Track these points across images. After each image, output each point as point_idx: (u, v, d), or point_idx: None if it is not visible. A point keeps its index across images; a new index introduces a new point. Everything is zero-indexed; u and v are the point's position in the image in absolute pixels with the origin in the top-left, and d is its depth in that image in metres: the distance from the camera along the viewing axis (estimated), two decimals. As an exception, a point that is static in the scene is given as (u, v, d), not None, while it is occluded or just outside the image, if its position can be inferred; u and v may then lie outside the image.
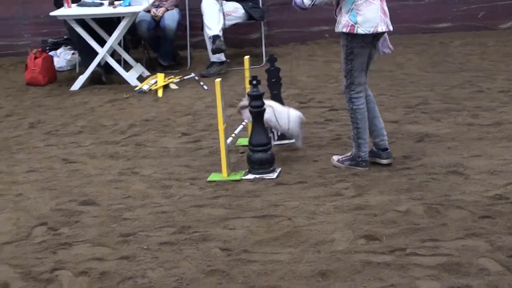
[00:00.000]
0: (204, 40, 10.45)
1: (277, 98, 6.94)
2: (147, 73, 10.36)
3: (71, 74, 10.80)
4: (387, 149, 6.27)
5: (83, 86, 9.95)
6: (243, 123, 6.79)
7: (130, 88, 9.71)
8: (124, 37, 10.59)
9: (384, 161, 6.24)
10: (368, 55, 6.07)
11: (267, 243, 4.98)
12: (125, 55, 10.58)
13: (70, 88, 9.98)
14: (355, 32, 5.86)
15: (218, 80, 6.27)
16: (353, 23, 5.86)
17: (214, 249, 4.92)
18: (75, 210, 5.77)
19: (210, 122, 7.81)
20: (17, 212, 5.77)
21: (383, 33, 6.02)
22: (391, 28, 6.03)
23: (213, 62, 10.23)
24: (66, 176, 6.56)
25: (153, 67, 10.61)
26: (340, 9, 5.95)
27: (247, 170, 6.29)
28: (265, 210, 5.54)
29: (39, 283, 4.61)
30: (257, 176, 6.19)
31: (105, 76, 10.15)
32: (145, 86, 9.64)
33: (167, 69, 10.43)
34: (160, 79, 9.73)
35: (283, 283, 4.44)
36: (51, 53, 11.11)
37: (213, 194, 5.92)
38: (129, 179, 6.40)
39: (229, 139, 6.45)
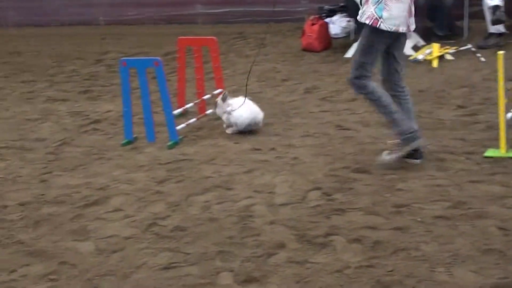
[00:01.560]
0: (482, 10, 10.11)
1: None
2: (422, 42, 10.22)
3: (346, 41, 10.90)
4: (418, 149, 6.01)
5: (357, 54, 10.00)
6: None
7: (405, 57, 9.60)
8: (400, 5, 10.50)
9: (416, 161, 6.00)
10: (381, 52, 5.86)
11: (548, 226, 4.75)
12: (401, 24, 10.49)
13: (344, 55, 10.09)
14: (377, 26, 5.66)
15: (501, 52, 6.03)
16: (377, 17, 5.66)
17: (491, 228, 4.76)
18: (349, 177, 5.82)
19: (488, 96, 7.57)
20: (293, 175, 5.92)
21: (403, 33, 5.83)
22: (412, 28, 5.87)
23: (491, 34, 9.90)
24: (340, 143, 6.63)
25: (428, 37, 10.43)
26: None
27: (528, 147, 6.03)
28: (547, 191, 5.29)
29: (313, 246, 4.69)
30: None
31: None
32: (419, 56, 9.53)
33: (442, 39, 10.22)
34: (435, 49, 9.57)
35: None
36: (326, 20, 11.26)
37: (490, 171, 5.73)
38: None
39: (509, 114, 6.21)
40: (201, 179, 5.99)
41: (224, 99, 7.11)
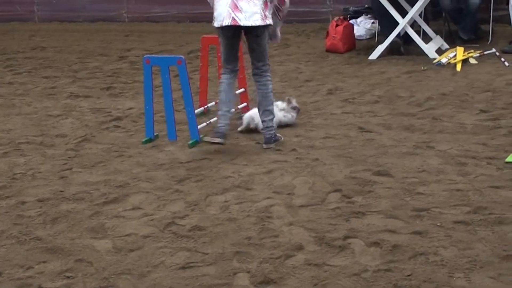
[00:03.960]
0: (508, 14, 10.04)
1: None
2: (446, 46, 10.17)
3: (370, 43, 10.88)
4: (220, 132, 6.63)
5: (381, 56, 9.99)
6: None
7: (428, 60, 9.60)
8: (425, 8, 10.44)
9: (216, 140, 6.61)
10: (230, 46, 6.62)
11: None
12: (425, 27, 10.45)
13: (368, 57, 10.06)
14: (213, 24, 6.51)
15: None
16: (213, 17, 6.50)
17: (511, 234, 4.71)
18: (369, 179, 5.78)
19: (511, 101, 7.49)
20: (313, 177, 5.89)
21: (239, 27, 6.41)
22: (240, 23, 6.34)
23: (515, 38, 9.85)
24: (361, 145, 6.60)
25: (452, 40, 10.39)
26: None
27: (550, 154, 5.97)
28: None
29: (331, 248, 4.66)
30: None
31: (403, 47, 10.10)
32: (443, 59, 9.47)
33: (467, 43, 10.16)
34: (459, 52, 9.52)
35: None
36: (351, 21, 11.23)
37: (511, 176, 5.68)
38: (424, 153, 6.31)
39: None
40: (221, 178, 5.98)
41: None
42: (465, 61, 9.36)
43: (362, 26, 11.37)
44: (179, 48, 11.38)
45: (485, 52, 9.65)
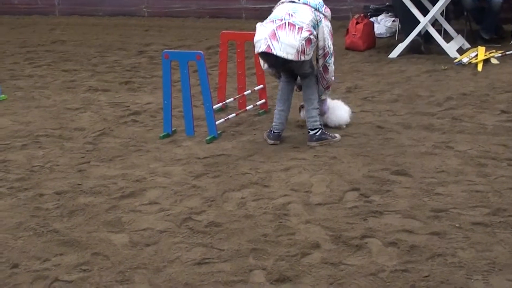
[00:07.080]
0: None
1: None
2: (467, 45, 10.10)
3: (390, 41, 10.83)
4: (274, 132, 6.70)
5: (401, 54, 9.94)
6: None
7: (449, 59, 9.53)
8: (446, 7, 10.37)
9: (269, 141, 6.69)
10: (280, 75, 6.81)
11: None
12: (447, 26, 10.38)
13: (388, 55, 10.01)
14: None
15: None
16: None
17: (532, 237, 4.67)
18: (387, 179, 5.74)
19: (535, 102, 7.45)
20: (330, 175, 5.85)
21: (271, 55, 6.34)
22: (274, 52, 6.29)
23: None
24: (379, 144, 6.55)
25: (474, 40, 10.32)
26: None
27: None
28: None
29: (348, 247, 4.63)
30: None
31: (424, 46, 10.04)
32: (464, 59, 9.40)
33: (488, 43, 10.09)
34: (480, 52, 9.44)
35: None
36: (372, 19, 11.18)
37: (532, 178, 5.62)
38: (443, 153, 6.26)
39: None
40: (238, 175, 5.96)
41: None
42: (486, 61, 9.29)
43: (383, 24, 11.32)
44: (198, 44, 11.37)
45: (507, 52, 9.58)
